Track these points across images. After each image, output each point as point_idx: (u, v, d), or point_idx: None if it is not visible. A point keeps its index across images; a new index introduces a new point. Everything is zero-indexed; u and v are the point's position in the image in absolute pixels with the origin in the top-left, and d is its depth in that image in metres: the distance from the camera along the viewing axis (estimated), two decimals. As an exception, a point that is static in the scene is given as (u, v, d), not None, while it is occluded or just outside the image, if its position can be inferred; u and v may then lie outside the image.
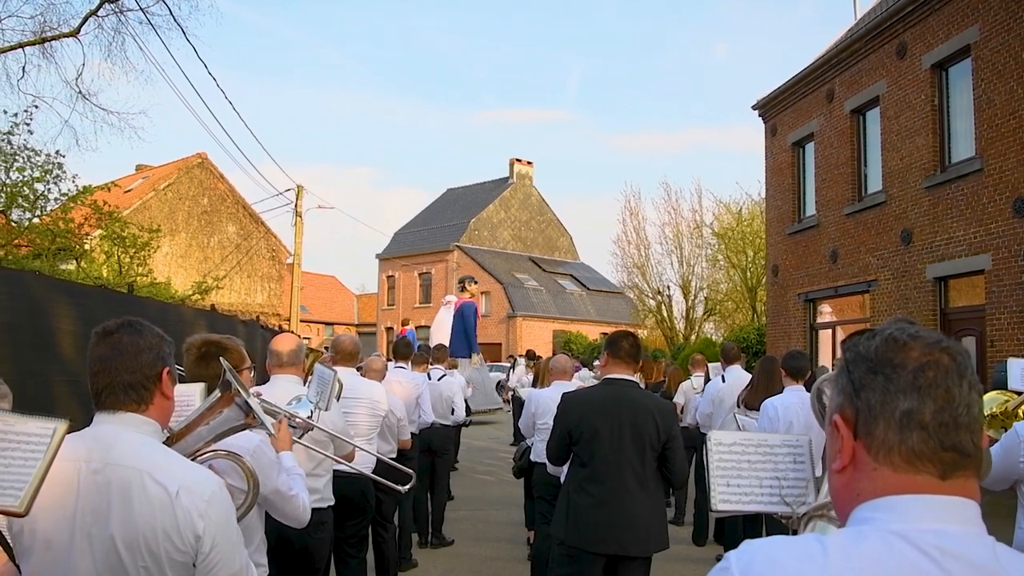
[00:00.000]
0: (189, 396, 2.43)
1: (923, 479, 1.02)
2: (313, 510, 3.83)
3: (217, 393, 2.08)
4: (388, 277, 47.28)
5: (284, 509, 2.70)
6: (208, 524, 1.78)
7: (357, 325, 53.42)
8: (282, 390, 3.34)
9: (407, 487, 4.06)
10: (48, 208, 14.56)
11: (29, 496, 1.61)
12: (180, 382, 2.13)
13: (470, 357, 12.26)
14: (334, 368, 3.65)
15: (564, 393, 4.26)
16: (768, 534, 5.05)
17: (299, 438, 3.04)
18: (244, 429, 2.12)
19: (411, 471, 4.06)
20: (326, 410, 3.30)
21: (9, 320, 5.44)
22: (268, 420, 2.16)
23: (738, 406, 6.47)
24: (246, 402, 2.01)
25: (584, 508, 3.86)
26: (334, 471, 4.12)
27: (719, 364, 7.91)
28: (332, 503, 4.04)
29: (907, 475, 1.03)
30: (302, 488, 2.77)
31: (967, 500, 1.02)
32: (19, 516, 1.62)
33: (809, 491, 1.94)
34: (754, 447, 1.95)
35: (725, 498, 1.93)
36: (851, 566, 0.97)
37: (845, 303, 15.18)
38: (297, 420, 2.98)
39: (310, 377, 3.77)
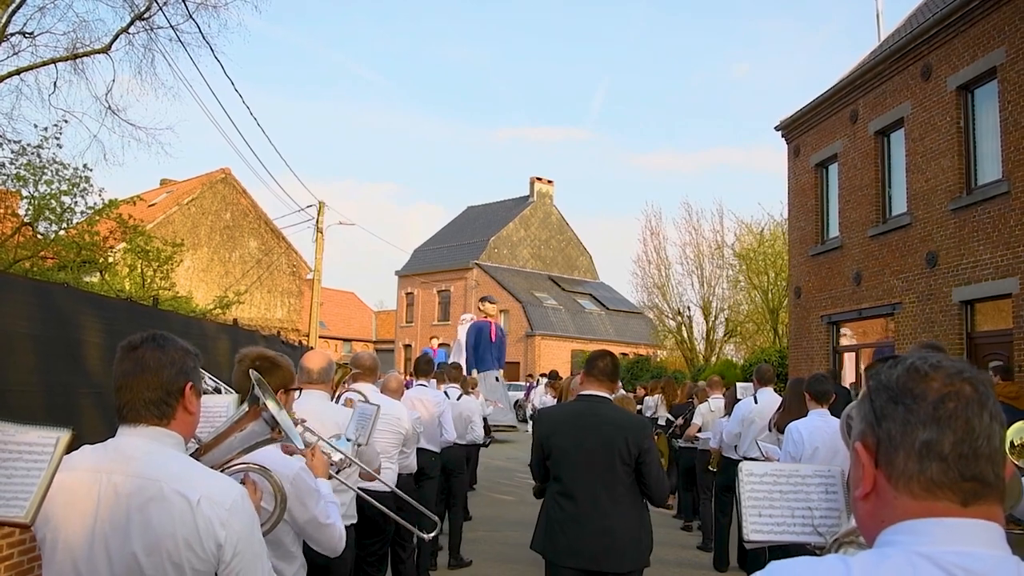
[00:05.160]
0: (222, 407, 2.44)
1: (944, 505, 1.03)
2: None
3: (245, 407, 2.08)
4: (407, 294, 47.42)
5: (320, 537, 2.68)
6: (230, 533, 1.78)
7: (375, 342, 53.54)
8: (311, 406, 3.35)
9: (431, 535, 4.05)
10: (74, 221, 14.76)
11: (34, 507, 1.60)
12: (229, 391, 2.13)
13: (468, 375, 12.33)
14: (375, 403, 3.67)
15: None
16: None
17: (336, 473, 3.05)
18: (270, 443, 2.11)
19: (436, 519, 4.04)
20: (366, 444, 3.33)
21: (38, 332, 5.51)
22: (297, 435, 2.15)
23: (769, 429, 6.41)
24: (272, 417, 2.01)
25: (558, 522, 3.88)
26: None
27: (750, 384, 7.81)
28: (355, 521, 4.03)
29: (927, 502, 1.04)
30: (337, 517, 2.76)
31: (990, 523, 1.03)
32: (25, 527, 1.62)
33: (843, 521, 1.92)
34: (786, 478, 1.94)
35: (757, 528, 1.92)
36: None
37: (869, 326, 15.03)
38: (334, 458, 2.99)
39: (337, 392, 3.80)
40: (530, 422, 18.19)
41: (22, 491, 1.59)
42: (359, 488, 3.93)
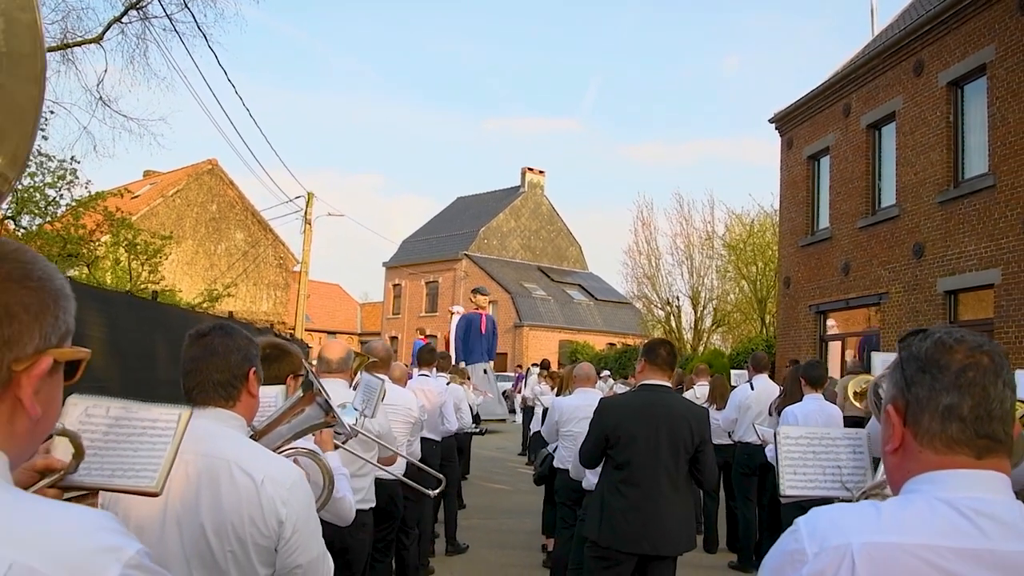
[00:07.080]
0: (270, 397, 2.54)
1: (961, 459, 1.21)
2: (356, 511, 3.94)
3: (300, 393, 2.19)
4: (394, 286, 47.33)
5: (331, 509, 2.78)
6: (290, 511, 1.91)
7: (360, 334, 53.33)
8: (331, 394, 3.44)
9: (436, 491, 4.14)
10: (59, 213, 14.53)
11: (163, 478, 1.68)
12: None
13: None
14: (381, 377, 3.77)
15: (602, 398, 4.37)
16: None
17: (343, 443, 3.13)
18: (325, 427, 2.23)
19: (440, 475, 4.17)
20: (372, 416, 3.42)
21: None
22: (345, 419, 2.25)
23: (770, 414, 6.57)
24: (327, 401, 2.11)
25: (619, 510, 3.98)
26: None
27: (744, 372, 7.98)
28: (373, 504, 4.13)
29: (947, 456, 1.22)
30: (347, 489, 2.87)
31: (999, 474, 1.21)
32: (154, 495, 1.70)
33: (867, 478, 2.13)
34: (818, 440, 2.16)
35: (792, 484, 2.11)
36: (900, 523, 1.17)
37: (855, 315, 15.27)
38: (346, 420, 3.07)
39: (355, 380, 3.91)
40: (520, 412, 18.31)
41: (149, 464, 1.68)
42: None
